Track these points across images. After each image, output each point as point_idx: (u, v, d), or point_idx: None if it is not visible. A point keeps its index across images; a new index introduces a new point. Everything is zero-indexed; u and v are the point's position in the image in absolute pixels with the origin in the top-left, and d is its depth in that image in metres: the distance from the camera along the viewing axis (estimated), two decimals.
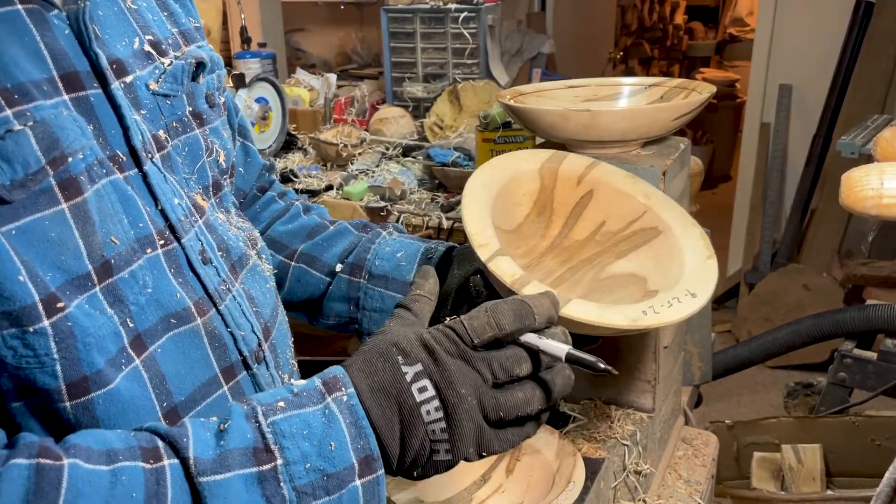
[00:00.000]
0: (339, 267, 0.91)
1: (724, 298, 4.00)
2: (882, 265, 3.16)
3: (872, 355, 1.90)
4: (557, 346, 0.61)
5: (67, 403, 0.58)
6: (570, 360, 0.61)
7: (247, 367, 0.72)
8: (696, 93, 1.02)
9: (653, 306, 0.71)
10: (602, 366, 0.60)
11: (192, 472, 0.53)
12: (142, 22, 0.70)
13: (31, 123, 0.55)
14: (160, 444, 0.55)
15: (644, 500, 0.98)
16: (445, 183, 2.15)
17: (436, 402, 0.58)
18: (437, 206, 2.05)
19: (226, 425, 0.55)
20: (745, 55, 5.50)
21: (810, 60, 3.65)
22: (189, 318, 0.66)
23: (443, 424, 0.58)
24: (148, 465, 0.53)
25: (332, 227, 0.95)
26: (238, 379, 0.71)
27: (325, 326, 0.95)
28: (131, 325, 0.61)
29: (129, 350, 0.61)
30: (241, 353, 0.71)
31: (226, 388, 0.70)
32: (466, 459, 0.61)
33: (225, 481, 0.53)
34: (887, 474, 0.57)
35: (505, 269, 0.72)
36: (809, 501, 1.72)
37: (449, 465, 0.61)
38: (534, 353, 0.62)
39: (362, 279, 0.90)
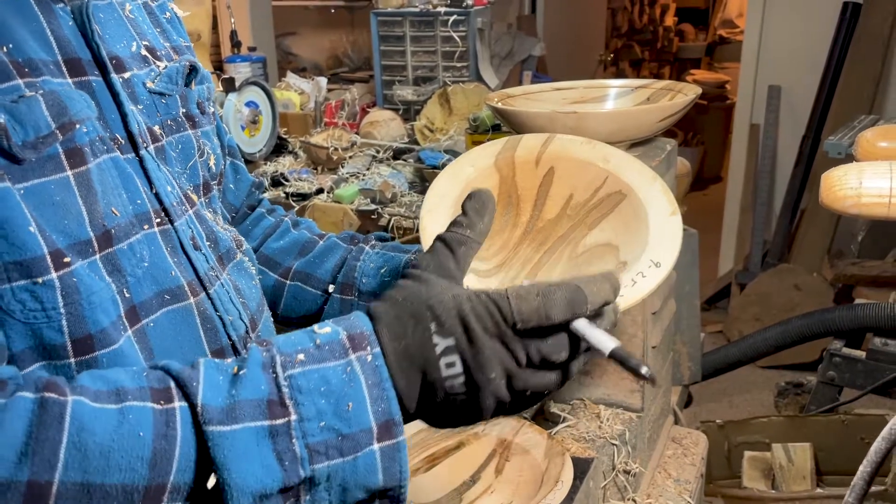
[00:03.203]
0: (331, 287, 0.92)
1: (716, 299, 4.01)
2: (871, 264, 3.18)
3: (861, 354, 1.92)
4: (605, 341, 0.57)
5: (73, 360, 0.59)
6: (613, 357, 0.57)
7: (236, 351, 0.73)
8: (682, 94, 1.03)
9: None
10: (644, 370, 0.56)
11: (200, 419, 0.52)
12: (139, 30, 0.74)
13: (41, 92, 0.58)
14: (172, 384, 0.54)
15: (633, 500, 0.98)
16: None
17: (461, 379, 0.56)
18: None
19: (241, 371, 0.54)
20: (735, 57, 5.53)
21: (799, 62, 3.68)
22: (183, 297, 0.69)
23: (464, 398, 0.57)
24: (158, 406, 0.52)
25: (321, 242, 0.96)
26: None
27: None
28: (127, 295, 0.64)
29: (124, 319, 0.63)
30: (230, 337, 0.73)
31: (231, 361, 0.71)
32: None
33: (231, 433, 0.52)
34: (861, 468, 0.57)
35: None
36: (800, 500, 1.73)
37: (462, 425, 0.60)
38: (574, 338, 0.59)
39: (353, 297, 0.92)
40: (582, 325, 0.58)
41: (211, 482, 0.52)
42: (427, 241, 0.78)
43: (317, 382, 0.54)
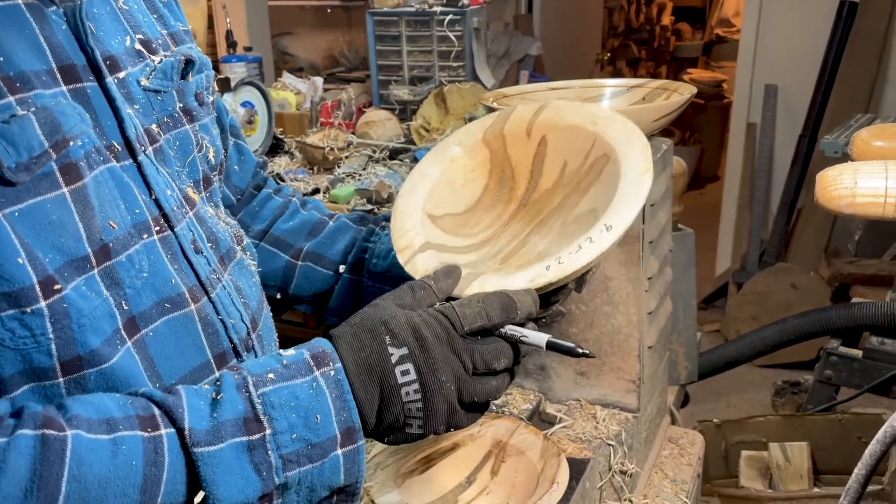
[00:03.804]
0: (342, 268, 0.94)
1: (713, 298, 4.01)
2: (868, 263, 3.18)
3: (858, 353, 1.92)
4: (538, 337, 0.66)
5: (61, 380, 0.60)
6: (550, 347, 0.66)
7: (237, 354, 0.74)
8: (678, 94, 1.03)
9: (559, 257, 0.69)
10: (580, 350, 0.65)
11: (188, 442, 0.56)
12: (133, 22, 0.72)
13: (33, 109, 0.57)
14: (156, 412, 0.57)
15: (630, 500, 0.98)
16: None
17: (416, 385, 0.62)
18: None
19: (219, 396, 0.58)
20: (732, 56, 5.52)
21: (795, 61, 3.68)
22: (183, 304, 0.68)
23: (419, 405, 0.62)
24: (146, 434, 0.56)
25: (331, 223, 0.98)
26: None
27: (333, 322, 0.97)
28: (126, 307, 0.64)
29: (122, 332, 0.63)
30: (231, 340, 0.73)
31: (217, 374, 0.71)
32: (435, 433, 0.65)
33: (218, 452, 0.56)
34: (856, 470, 0.57)
35: (419, 269, 0.75)
36: (797, 499, 1.73)
37: (418, 438, 0.65)
38: (513, 346, 0.67)
39: (364, 277, 0.93)
40: (515, 329, 0.66)
41: (198, 498, 0.56)
42: (397, 218, 0.80)
43: (287, 398, 0.59)
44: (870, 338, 1.90)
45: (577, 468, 0.86)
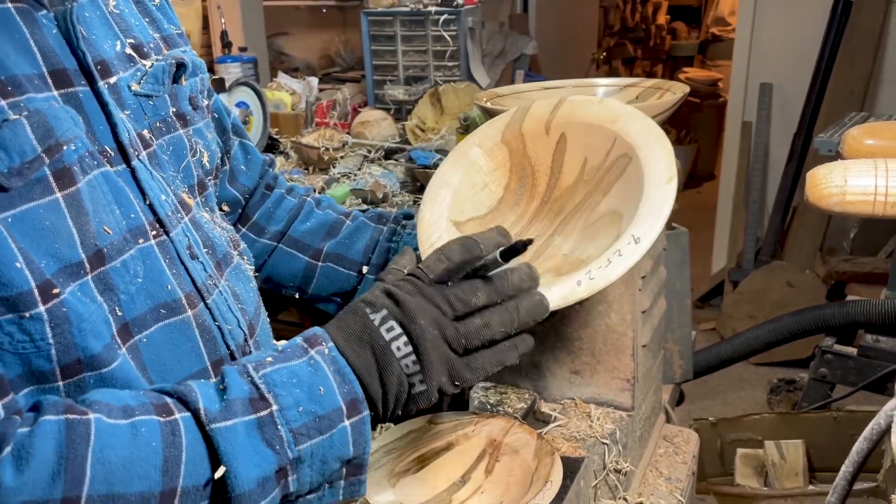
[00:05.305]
0: (364, 269, 0.95)
1: (709, 296, 4.02)
2: (864, 261, 3.19)
3: (853, 351, 1.92)
4: (494, 254, 0.66)
5: (60, 383, 0.61)
6: (503, 255, 0.66)
7: (234, 361, 0.72)
8: (671, 93, 1.03)
9: (589, 271, 0.69)
10: (524, 241, 0.66)
11: (204, 420, 0.57)
12: (124, 26, 0.72)
13: (25, 113, 0.57)
14: (169, 400, 0.59)
15: (625, 499, 0.98)
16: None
17: (404, 338, 0.63)
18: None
19: (224, 384, 0.60)
20: (727, 54, 5.53)
21: (790, 59, 3.68)
22: (180, 310, 0.68)
23: (413, 357, 0.63)
24: (162, 419, 0.57)
25: (349, 222, 0.98)
26: None
27: None
28: (119, 313, 0.63)
29: (116, 337, 0.63)
30: (228, 346, 0.73)
31: (214, 380, 0.71)
32: (442, 391, 0.65)
33: (233, 426, 0.58)
34: (843, 468, 0.58)
35: None
36: (792, 497, 1.73)
37: (427, 398, 0.65)
38: (490, 283, 0.66)
39: None
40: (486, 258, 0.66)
41: (219, 473, 0.57)
42: (422, 230, 0.80)
43: (287, 376, 0.61)
44: (865, 335, 1.91)
45: (572, 467, 0.86)
